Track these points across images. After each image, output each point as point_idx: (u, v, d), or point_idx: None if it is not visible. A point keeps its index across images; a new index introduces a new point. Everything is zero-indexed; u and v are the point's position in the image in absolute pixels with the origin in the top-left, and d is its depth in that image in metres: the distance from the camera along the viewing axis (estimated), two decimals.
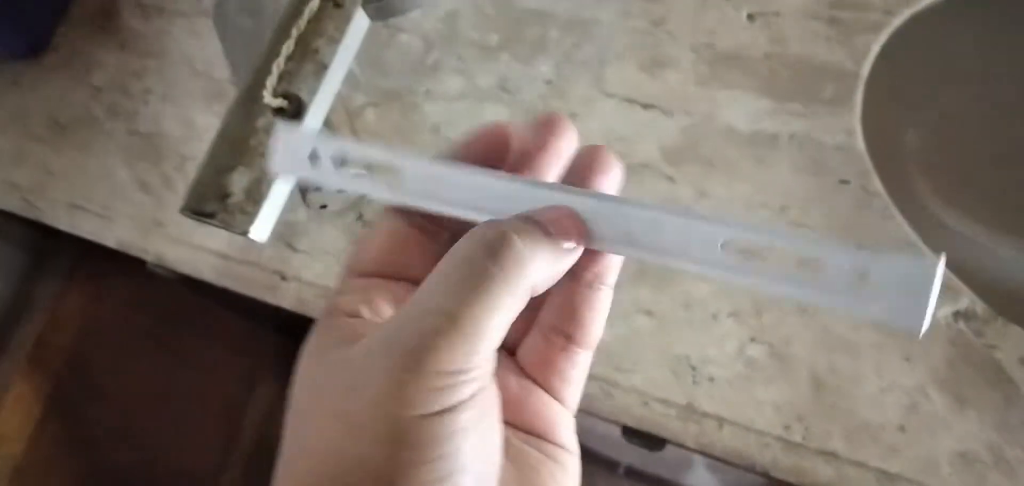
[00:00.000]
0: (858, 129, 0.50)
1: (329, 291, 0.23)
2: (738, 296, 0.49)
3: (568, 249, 0.23)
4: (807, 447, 0.46)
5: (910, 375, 0.46)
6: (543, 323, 0.25)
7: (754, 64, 0.53)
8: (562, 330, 0.25)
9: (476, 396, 0.20)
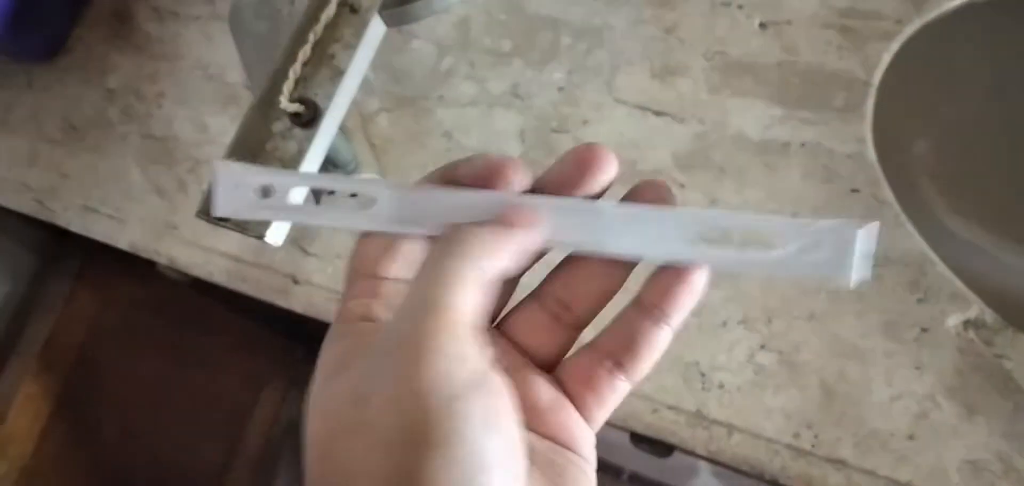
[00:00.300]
0: (869, 138, 0.50)
1: (339, 295, 0.24)
2: (748, 303, 0.49)
3: (518, 231, 0.24)
4: (816, 455, 0.46)
5: (920, 383, 0.46)
6: (599, 345, 0.26)
7: (766, 72, 0.54)
8: (614, 354, 0.26)
9: (477, 380, 0.21)
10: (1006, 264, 0.46)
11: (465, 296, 0.22)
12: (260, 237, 0.42)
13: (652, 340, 0.25)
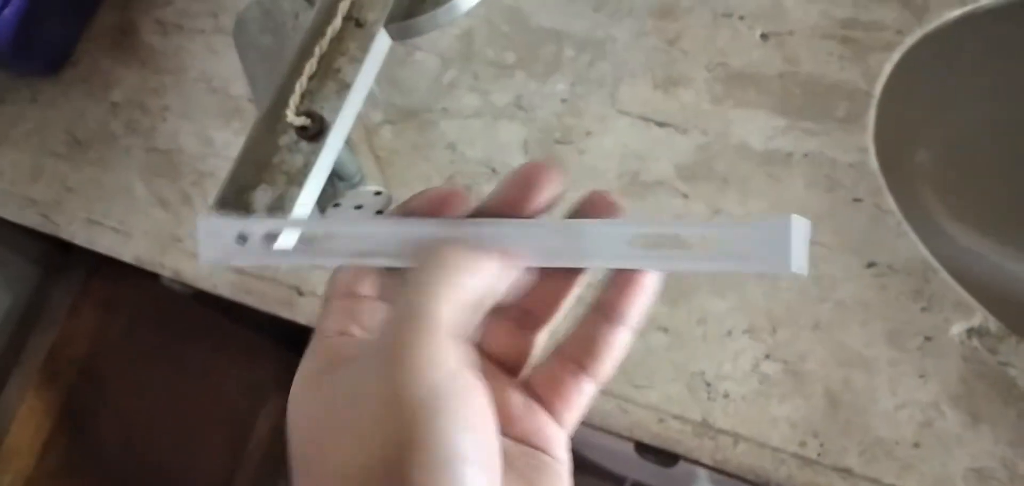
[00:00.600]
0: (871, 147, 0.51)
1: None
2: (753, 312, 0.50)
3: (492, 260, 0.25)
4: (822, 463, 0.46)
5: (924, 391, 0.46)
6: (562, 350, 0.28)
7: (768, 83, 0.54)
8: (577, 358, 0.28)
9: (454, 382, 0.22)
10: (1009, 271, 0.46)
11: (443, 306, 0.23)
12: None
13: (611, 341, 0.27)
